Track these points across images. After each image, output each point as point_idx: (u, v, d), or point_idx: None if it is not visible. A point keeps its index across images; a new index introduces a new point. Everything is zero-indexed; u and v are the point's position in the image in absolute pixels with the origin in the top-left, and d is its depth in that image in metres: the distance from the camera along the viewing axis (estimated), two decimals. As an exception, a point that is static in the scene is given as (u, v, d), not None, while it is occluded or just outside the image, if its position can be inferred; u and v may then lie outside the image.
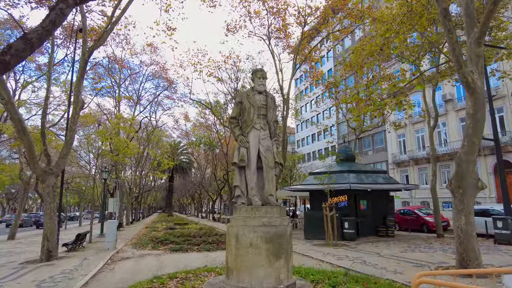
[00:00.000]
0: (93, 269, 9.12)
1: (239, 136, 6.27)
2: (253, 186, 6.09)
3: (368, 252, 11.80)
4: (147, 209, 73.54)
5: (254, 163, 6.16)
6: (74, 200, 60.79)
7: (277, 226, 5.65)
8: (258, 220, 5.64)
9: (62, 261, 10.46)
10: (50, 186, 11.43)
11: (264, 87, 6.49)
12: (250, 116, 6.28)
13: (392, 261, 9.86)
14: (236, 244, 5.56)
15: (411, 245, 13.27)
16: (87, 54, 12.57)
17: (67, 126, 12.62)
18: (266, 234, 5.47)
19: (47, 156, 12.30)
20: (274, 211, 5.79)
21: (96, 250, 13.41)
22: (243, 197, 6.22)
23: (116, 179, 21.26)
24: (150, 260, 10.88)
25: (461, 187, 7.87)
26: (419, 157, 33.63)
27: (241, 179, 6.30)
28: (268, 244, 5.44)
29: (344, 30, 22.72)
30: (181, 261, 10.57)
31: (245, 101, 6.40)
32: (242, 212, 5.85)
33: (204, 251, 12.61)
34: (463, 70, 7.68)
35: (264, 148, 6.21)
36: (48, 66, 14.07)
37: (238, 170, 6.35)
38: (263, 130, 6.34)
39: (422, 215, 19.79)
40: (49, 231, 10.95)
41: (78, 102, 12.52)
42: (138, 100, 32.67)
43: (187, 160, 63.62)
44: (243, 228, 5.56)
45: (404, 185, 18.19)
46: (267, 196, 6.06)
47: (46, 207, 11.27)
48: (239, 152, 6.22)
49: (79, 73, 12.56)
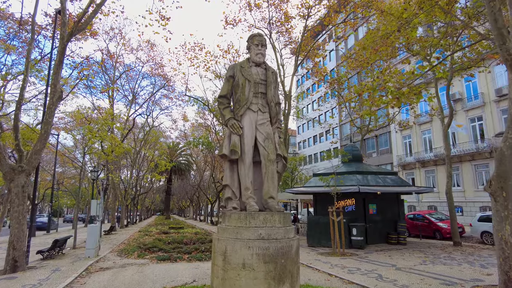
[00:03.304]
0: (60, 284, 7.67)
1: (230, 120, 4.81)
2: (247, 186, 4.64)
3: (382, 263, 10.33)
4: (145, 212, 72.03)
5: (249, 156, 4.72)
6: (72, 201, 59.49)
7: (280, 240, 4.20)
8: (254, 231, 4.19)
9: (28, 273, 9.01)
10: (20, 186, 9.98)
11: (263, 57, 5.03)
12: (245, 94, 4.82)
13: (413, 276, 8.39)
14: (224, 264, 4.11)
15: (429, 255, 11.78)
16: (66, 38, 11.18)
17: (43, 118, 11.21)
18: (265, 251, 4.03)
19: (18, 152, 10.89)
20: (275, 220, 4.34)
21: (75, 258, 11.95)
22: (235, 200, 4.77)
23: (106, 180, 19.83)
24: (131, 272, 9.42)
25: (504, 189, 6.41)
26: (426, 159, 32.15)
27: (232, 176, 4.85)
28: (268, 264, 4.00)
29: (350, 22, 21.34)
30: (167, 273, 9.12)
31: (238, 75, 4.94)
32: (232, 220, 4.40)
33: (195, 260, 11.15)
34: (507, 46, 6.26)
35: (262, 136, 4.76)
36: (27, 51, 12.65)
37: (229, 164, 4.90)
38: (261, 113, 4.89)
39: (434, 221, 18.30)
40: (16, 238, 9.49)
41: (56, 92, 11.11)
42: (133, 98, 31.33)
43: (185, 162, 62.08)
44: (234, 243, 4.11)
45: (418, 188, 16.74)
46: (266, 198, 4.62)
47: (13, 210, 9.82)
48: (229, 141, 4.78)
49: (57, 59, 11.17)
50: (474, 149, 26.52)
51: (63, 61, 11.60)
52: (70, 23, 13.26)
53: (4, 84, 19.53)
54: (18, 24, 20.15)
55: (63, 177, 38.77)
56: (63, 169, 43.06)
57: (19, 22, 20.08)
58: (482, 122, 26.58)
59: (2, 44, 19.38)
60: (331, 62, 47.67)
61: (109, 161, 18.98)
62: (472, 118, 27.54)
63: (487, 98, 25.91)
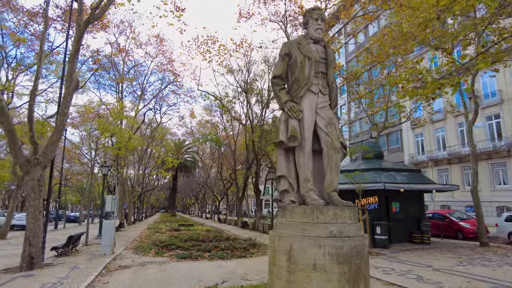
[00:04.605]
0: (82, 283, 7.19)
1: (287, 103, 4.25)
2: (307, 177, 4.10)
3: (416, 263, 9.78)
4: (150, 209, 71.76)
5: (309, 143, 4.18)
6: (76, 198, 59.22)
7: (353, 238, 3.68)
8: (324, 228, 3.66)
9: (46, 271, 8.54)
10: (36, 179, 9.52)
11: (322, 33, 4.49)
12: (305, 74, 4.27)
13: (457, 278, 7.84)
14: (289, 264, 3.58)
15: (461, 256, 11.21)
16: (83, 26, 10.68)
17: (58, 109, 10.73)
18: (339, 250, 3.50)
19: (33, 144, 10.41)
20: (345, 215, 3.82)
21: (90, 255, 11.49)
22: (292, 193, 4.24)
23: (117, 175, 19.37)
24: (153, 271, 8.93)
25: None
26: (439, 158, 31.48)
27: (288, 166, 4.31)
28: (342, 266, 3.47)
29: (368, 16, 20.72)
30: (191, 273, 8.62)
31: (295, 53, 4.38)
32: (296, 215, 3.86)
33: (216, 259, 10.64)
34: None
35: (324, 121, 4.21)
36: (41, 40, 12.18)
37: (284, 153, 4.36)
38: (322, 95, 4.34)
39: (455, 220, 17.70)
40: (32, 233, 9.03)
41: (72, 81, 10.62)
42: (142, 93, 30.91)
43: (191, 159, 61.70)
44: (301, 241, 3.58)
45: (443, 185, 16.12)
46: (330, 192, 4.08)
47: (29, 204, 9.35)
48: (287, 126, 4.23)
49: (73, 47, 10.68)
50: (491, 147, 25.81)
51: (79, 49, 11.13)
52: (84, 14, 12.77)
53: (14, 76, 19.16)
54: (28, 15, 19.76)
55: (70, 173, 38.41)
56: (69, 165, 42.78)
57: (29, 13, 19.69)
58: (499, 120, 25.85)
59: (12, 37, 19.00)
60: (341, 58, 47.00)
61: (120, 155, 18.51)
62: (489, 116, 26.79)
63: (505, 95, 25.20)
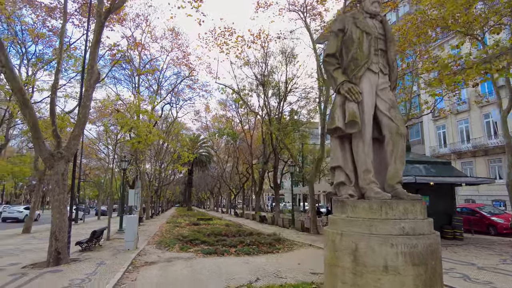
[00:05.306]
0: (111, 280, 6.95)
1: (344, 84, 3.77)
2: (368, 168, 3.64)
3: (456, 261, 9.21)
4: (165, 203, 72.46)
5: (370, 129, 3.71)
6: (94, 192, 60.14)
7: (427, 235, 3.22)
8: (395, 224, 3.20)
9: (73, 266, 8.37)
10: (60, 173, 9.34)
11: (380, 6, 3.99)
12: (363, 51, 3.78)
13: (507, 277, 7.28)
14: (354, 266, 3.15)
15: (501, 253, 10.56)
16: (103, 15, 10.40)
17: (80, 102, 10.52)
18: (413, 249, 3.05)
19: (56, 137, 10.25)
20: (417, 210, 3.34)
21: (114, 250, 11.33)
22: (350, 186, 3.79)
23: (136, 169, 19.26)
24: (180, 267, 8.66)
25: None
26: (463, 151, 30.38)
27: (344, 156, 3.85)
28: (417, 267, 3.02)
29: (391, 3, 19.88)
30: (220, 269, 8.30)
31: (350, 28, 3.90)
32: (360, 210, 3.41)
33: (243, 254, 10.32)
34: None
35: (386, 105, 3.73)
36: (60, 33, 12.01)
37: (339, 141, 3.90)
38: (382, 75, 3.85)
39: (487, 215, 16.91)
40: (58, 228, 8.87)
41: (93, 73, 10.37)
42: (158, 87, 30.81)
43: (206, 154, 61.79)
44: (368, 239, 3.14)
45: (476, 179, 15.35)
46: (394, 184, 3.60)
47: (53, 199, 9.20)
48: (343, 110, 3.77)
49: (94, 38, 10.41)
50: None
51: (100, 40, 10.86)
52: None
53: (34, 71, 19.19)
54: (46, 10, 19.72)
55: (89, 168, 38.88)
56: (87, 160, 43.34)
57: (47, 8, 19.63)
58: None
59: (31, 33, 19.01)
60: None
61: (140, 149, 18.36)
62: (517, 106, 25.56)
63: (537, 84, 23.92)
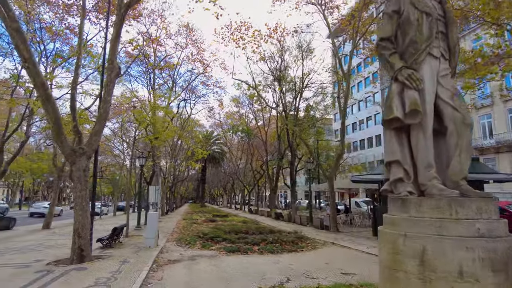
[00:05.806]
0: (137, 279, 6.76)
1: (403, 70, 3.39)
2: (430, 162, 3.26)
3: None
4: (179, 199, 72.97)
5: (431, 119, 3.34)
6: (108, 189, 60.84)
7: (505, 238, 2.85)
8: (469, 225, 2.83)
9: (96, 264, 8.23)
10: (81, 169, 9.21)
11: (440, -17, 3.59)
12: (423, 34, 3.39)
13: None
14: (422, 271, 2.80)
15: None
16: (123, 8, 10.19)
17: (100, 97, 10.37)
18: (492, 254, 2.68)
19: (77, 133, 10.14)
20: (491, 209, 2.97)
21: (135, 247, 11.20)
22: (409, 182, 3.42)
23: (154, 165, 19.20)
24: (206, 266, 8.43)
25: None
26: (485, 146, 29.15)
27: (403, 150, 3.47)
28: (497, 274, 2.66)
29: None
30: (246, 269, 8.03)
31: (407, 9, 3.51)
32: (425, 209, 3.04)
33: (267, 253, 10.03)
34: None
35: (449, 93, 3.34)
36: (79, 29, 11.90)
37: (395, 134, 3.53)
38: (443, 61, 3.45)
39: (516, 213, 16.15)
40: (81, 225, 8.75)
41: (114, 68, 10.20)
42: (173, 84, 30.73)
43: (219, 150, 61.87)
44: (439, 242, 2.78)
45: (508, 175, 14.61)
46: (458, 180, 3.21)
47: (76, 195, 9.09)
48: (401, 98, 3.39)
49: (114, 32, 10.23)
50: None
51: (120, 34, 10.66)
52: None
53: (52, 68, 19.26)
54: (63, 7, 19.74)
55: (105, 165, 39.27)
56: (102, 157, 43.80)
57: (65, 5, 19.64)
58: None
59: (49, 31, 19.07)
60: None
61: (157, 145, 18.27)
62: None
63: None
